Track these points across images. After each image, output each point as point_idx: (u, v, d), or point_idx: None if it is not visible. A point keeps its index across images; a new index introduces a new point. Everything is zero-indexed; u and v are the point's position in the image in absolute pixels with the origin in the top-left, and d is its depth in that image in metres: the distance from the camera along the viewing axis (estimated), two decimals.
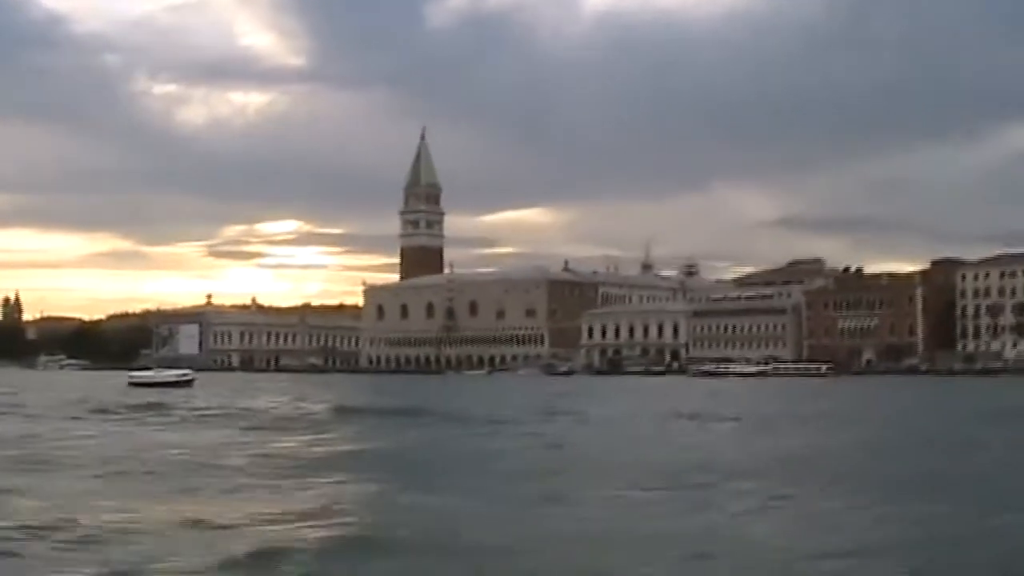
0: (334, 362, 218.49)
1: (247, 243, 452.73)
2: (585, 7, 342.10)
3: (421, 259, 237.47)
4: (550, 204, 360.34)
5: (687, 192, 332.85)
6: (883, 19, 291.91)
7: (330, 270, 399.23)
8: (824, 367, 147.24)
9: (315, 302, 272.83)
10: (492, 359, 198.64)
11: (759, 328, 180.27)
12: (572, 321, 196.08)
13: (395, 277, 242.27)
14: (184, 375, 76.21)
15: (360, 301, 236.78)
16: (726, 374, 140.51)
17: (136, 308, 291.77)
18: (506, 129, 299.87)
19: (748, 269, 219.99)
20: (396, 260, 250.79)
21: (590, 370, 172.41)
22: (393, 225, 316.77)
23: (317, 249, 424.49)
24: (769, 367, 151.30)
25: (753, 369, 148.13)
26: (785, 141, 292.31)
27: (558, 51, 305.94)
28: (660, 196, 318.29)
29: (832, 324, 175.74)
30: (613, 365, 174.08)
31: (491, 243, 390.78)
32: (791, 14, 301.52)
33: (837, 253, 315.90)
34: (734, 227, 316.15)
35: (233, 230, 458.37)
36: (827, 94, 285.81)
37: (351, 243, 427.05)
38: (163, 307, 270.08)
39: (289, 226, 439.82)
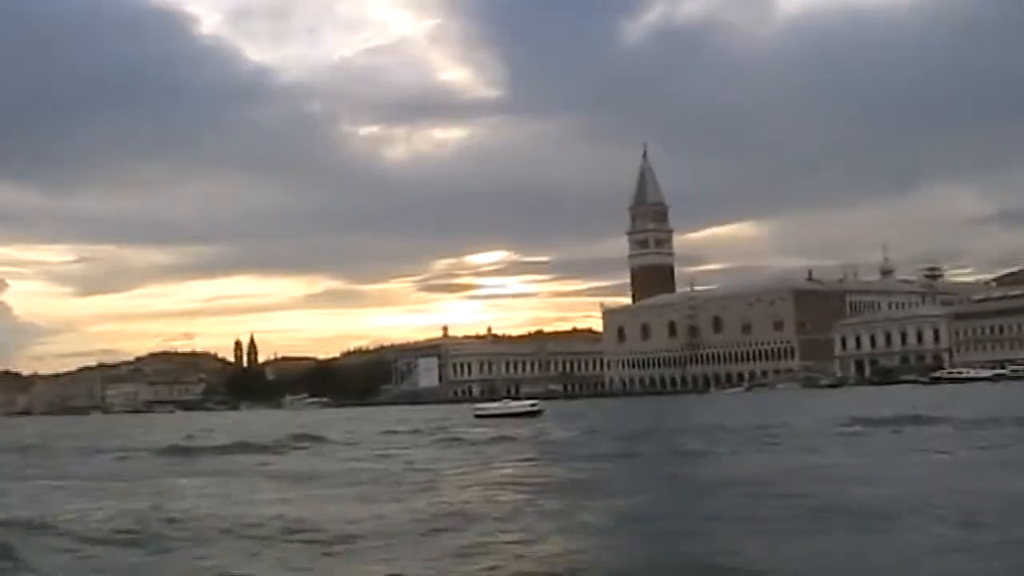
0: (573, 387, 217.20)
1: (456, 276, 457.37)
2: (777, 11, 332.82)
3: (652, 278, 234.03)
4: (754, 217, 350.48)
5: (894, 194, 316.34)
6: None
7: (540, 297, 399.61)
8: None
9: (533, 328, 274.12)
10: (740, 375, 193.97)
11: None
12: (822, 332, 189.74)
13: (610, 299, 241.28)
14: (533, 405, 74.93)
15: (590, 324, 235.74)
16: (960, 379, 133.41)
17: (352, 346, 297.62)
18: (705, 143, 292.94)
19: (968, 269, 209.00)
20: (607, 282, 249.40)
21: (856, 381, 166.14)
22: (601, 247, 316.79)
23: (525, 277, 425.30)
24: (1006, 370, 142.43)
25: (988, 373, 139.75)
26: (992, 132, 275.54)
27: (752, 59, 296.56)
28: (866, 200, 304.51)
29: None
30: (883, 375, 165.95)
31: (698, 260, 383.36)
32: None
33: None
34: (946, 226, 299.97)
35: (442, 264, 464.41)
36: None
37: (559, 269, 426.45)
38: (380, 343, 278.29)
39: (496, 256, 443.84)
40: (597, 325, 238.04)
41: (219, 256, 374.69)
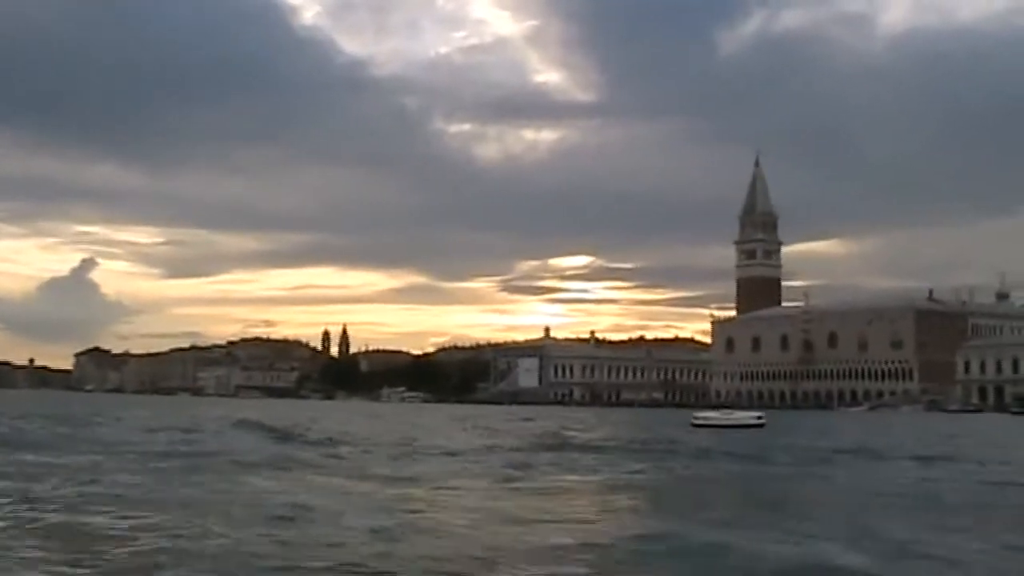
0: (676, 396, 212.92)
1: (540, 278, 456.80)
2: (879, 28, 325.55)
3: (759, 290, 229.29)
4: (846, 234, 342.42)
5: (991, 217, 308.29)
6: None
7: (622, 304, 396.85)
8: None
9: (623, 336, 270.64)
10: (853, 393, 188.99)
11: None
12: (943, 354, 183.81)
13: (694, 309, 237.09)
14: (758, 417, 71.28)
15: (675, 333, 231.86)
16: None
17: (432, 341, 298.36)
18: (800, 156, 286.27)
19: None
20: (692, 292, 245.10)
21: (991, 407, 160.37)
22: (688, 255, 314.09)
23: (609, 283, 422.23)
24: None
25: None
26: None
27: (851, 74, 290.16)
28: (962, 222, 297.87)
29: None
30: (1021, 402, 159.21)
31: (788, 276, 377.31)
32: None
33: None
34: None
35: (526, 265, 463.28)
36: None
37: (643, 276, 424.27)
38: (461, 340, 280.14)
39: (581, 260, 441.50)
40: (684, 333, 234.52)
41: (303, 245, 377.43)
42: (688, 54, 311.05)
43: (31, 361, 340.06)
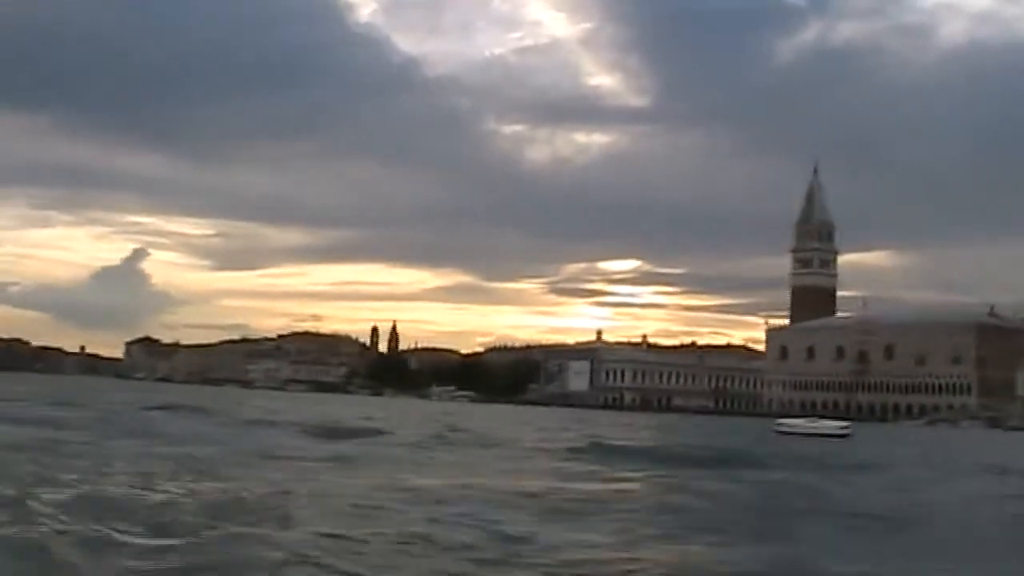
0: (726, 404, 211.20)
1: (588, 281, 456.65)
2: (938, 40, 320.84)
3: (813, 299, 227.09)
4: (896, 247, 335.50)
5: None
6: None
7: (668, 309, 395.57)
8: None
9: (673, 341, 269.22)
10: (909, 407, 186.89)
11: None
12: (1003, 370, 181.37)
13: (739, 317, 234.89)
14: (844, 427, 70.33)
15: (738, 341, 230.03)
16: None
17: (479, 340, 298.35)
18: (850, 168, 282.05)
19: None
20: (739, 300, 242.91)
21: None
22: (737, 263, 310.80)
23: (656, 288, 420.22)
24: None
25: None
26: None
27: (907, 85, 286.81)
28: (1017, 237, 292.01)
29: None
30: None
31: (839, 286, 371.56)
32: None
33: None
34: None
35: (574, 267, 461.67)
36: None
37: (691, 283, 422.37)
38: (507, 341, 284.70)
39: (629, 265, 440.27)
40: (732, 340, 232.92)
41: (352, 241, 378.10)
42: (743, 62, 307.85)
43: (82, 348, 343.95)
